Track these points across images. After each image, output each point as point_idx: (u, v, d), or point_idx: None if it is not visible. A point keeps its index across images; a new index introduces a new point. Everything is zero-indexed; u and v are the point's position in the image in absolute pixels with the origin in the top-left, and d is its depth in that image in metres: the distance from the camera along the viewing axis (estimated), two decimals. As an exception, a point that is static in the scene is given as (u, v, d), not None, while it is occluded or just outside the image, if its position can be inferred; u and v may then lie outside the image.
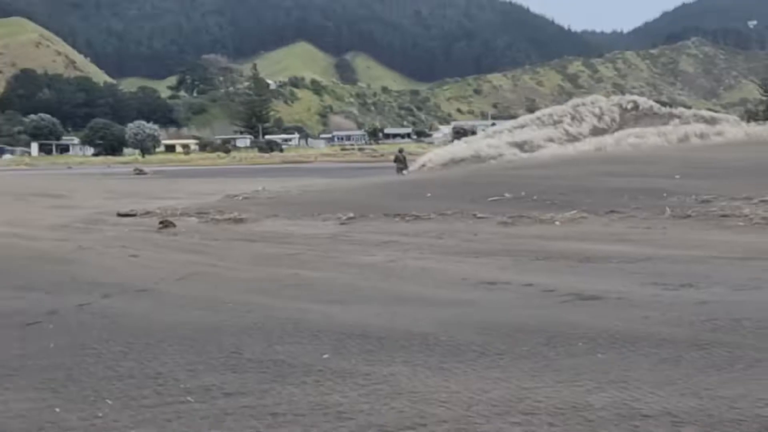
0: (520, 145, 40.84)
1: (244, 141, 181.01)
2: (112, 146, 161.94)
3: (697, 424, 4.74)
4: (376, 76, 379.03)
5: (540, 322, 7.47)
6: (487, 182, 22.63)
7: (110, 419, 5.23)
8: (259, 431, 4.92)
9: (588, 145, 37.67)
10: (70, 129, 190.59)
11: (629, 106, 48.00)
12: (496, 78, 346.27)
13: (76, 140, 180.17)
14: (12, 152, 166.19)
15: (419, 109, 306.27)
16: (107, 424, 5.14)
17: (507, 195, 20.05)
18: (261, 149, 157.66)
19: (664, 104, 56.64)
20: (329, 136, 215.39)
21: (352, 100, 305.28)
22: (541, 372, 5.95)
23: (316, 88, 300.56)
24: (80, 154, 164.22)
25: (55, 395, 5.84)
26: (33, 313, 8.80)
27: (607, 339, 6.81)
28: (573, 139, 41.49)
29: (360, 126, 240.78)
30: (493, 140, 43.85)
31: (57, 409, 5.48)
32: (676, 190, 19.26)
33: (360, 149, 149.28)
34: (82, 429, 5.08)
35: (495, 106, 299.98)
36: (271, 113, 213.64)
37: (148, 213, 21.90)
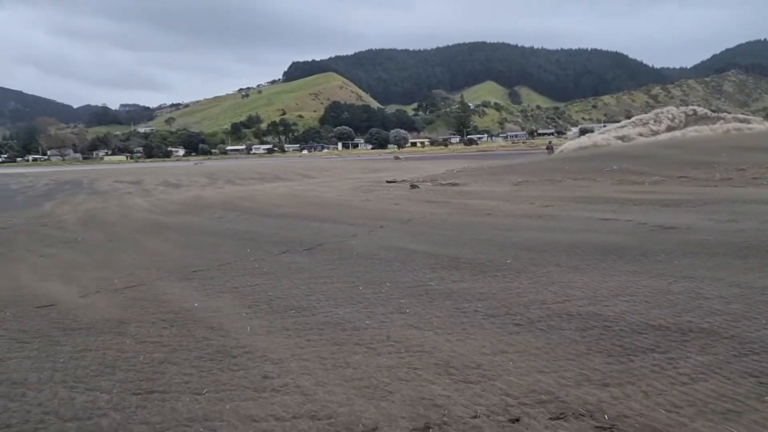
0: (621, 138, 38.80)
1: (455, 139, 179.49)
2: (381, 143, 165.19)
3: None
4: (532, 99, 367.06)
5: (637, 243, 7.12)
6: (601, 160, 21.55)
7: (389, 293, 5.44)
8: (471, 302, 4.97)
9: (664, 137, 35.40)
10: (358, 134, 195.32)
11: (691, 113, 44.85)
12: (606, 98, 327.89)
13: (362, 140, 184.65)
14: (328, 147, 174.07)
15: (559, 118, 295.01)
16: (386, 295, 5.35)
17: (614, 167, 19.04)
18: (465, 144, 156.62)
19: (713, 111, 52.14)
20: (505, 135, 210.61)
21: (518, 114, 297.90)
22: (639, 272, 5.69)
23: (497, 107, 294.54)
24: (364, 148, 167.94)
25: (358, 279, 6.10)
26: (343, 236, 9.18)
27: (680, 252, 6.43)
28: (654, 133, 39.05)
29: (523, 129, 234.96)
30: (604, 135, 41.85)
31: (360, 288, 5.73)
32: (722, 163, 17.72)
33: (523, 142, 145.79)
34: (373, 298, 5.31)
35: (605, 115, 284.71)
36: (471, 123, 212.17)
37: (403, 180, 22.25)
